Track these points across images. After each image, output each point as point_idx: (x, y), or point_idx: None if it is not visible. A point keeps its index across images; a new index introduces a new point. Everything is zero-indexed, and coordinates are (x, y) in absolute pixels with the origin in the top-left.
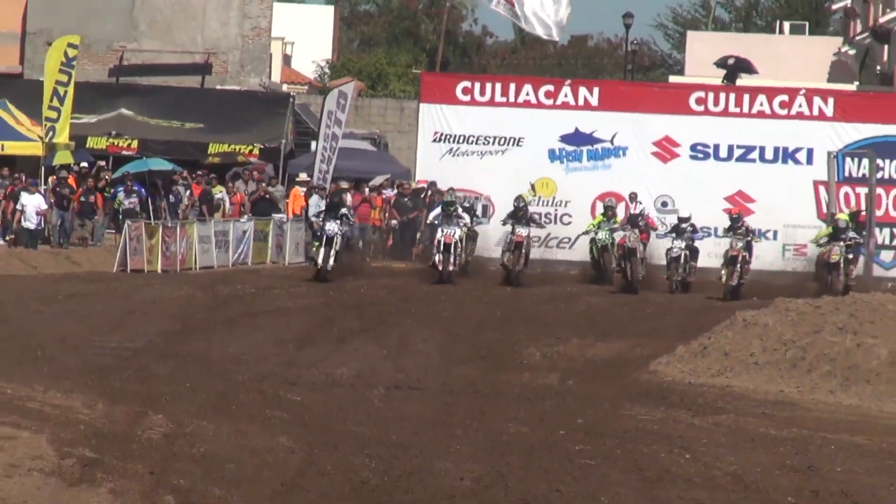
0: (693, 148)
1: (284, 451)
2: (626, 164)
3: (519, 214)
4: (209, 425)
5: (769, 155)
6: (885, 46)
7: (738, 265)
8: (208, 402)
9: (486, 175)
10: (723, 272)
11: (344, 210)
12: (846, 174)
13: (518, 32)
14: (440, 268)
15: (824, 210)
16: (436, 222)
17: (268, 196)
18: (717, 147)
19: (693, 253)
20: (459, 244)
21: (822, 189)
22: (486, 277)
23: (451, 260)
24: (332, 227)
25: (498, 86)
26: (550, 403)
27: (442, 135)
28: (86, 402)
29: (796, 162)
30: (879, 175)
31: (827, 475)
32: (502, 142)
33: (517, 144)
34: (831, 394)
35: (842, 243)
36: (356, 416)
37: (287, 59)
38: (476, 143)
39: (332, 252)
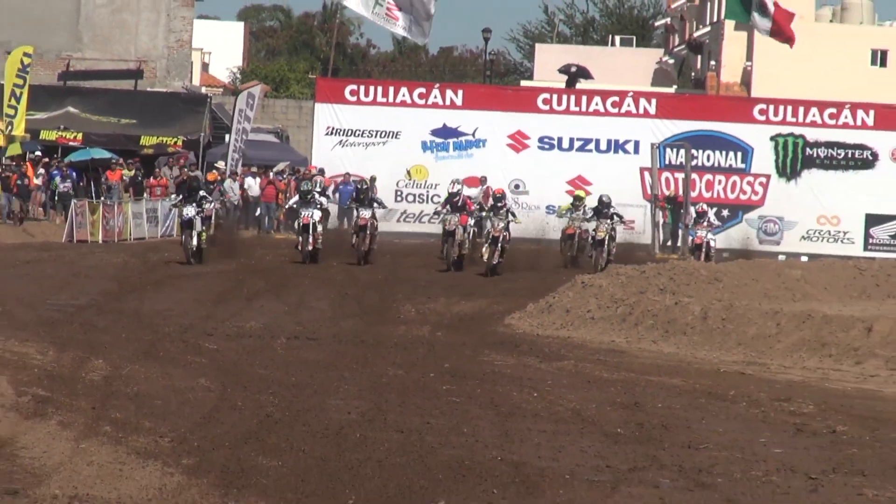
0: (540, 140)
1: (203, 390)
2: (485, 154)
3: (361, 197)
4: (141, 369)
5: (603, 146)
6: (699, 56)
7: (499, 244)
8: (140, 349)
9: (370, 163)
10: (484, 251)
11: (202, 192)
12: (666, 162)
13: (396, 44)
14: (300, 248)
15: (648, 191)
16: (294, 206)
17: (188, 179)
18: (560, 139)
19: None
20: (318, 225)
21: (646, 174)
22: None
23: (310, 240)
24: (188, 210)
25: (379, 88)
26: (422, 351)
27: (333, 129)
28: (39, 349)
29: (625, 152)
30: (693, 163)
31: (650, 410)
32: (383, 135)
33: (395, 137)
34: (654, 343)
35: (608, 221)
36: (262, 361)
37: (205, 66)
38: (361, 136)
39: (194, 234)
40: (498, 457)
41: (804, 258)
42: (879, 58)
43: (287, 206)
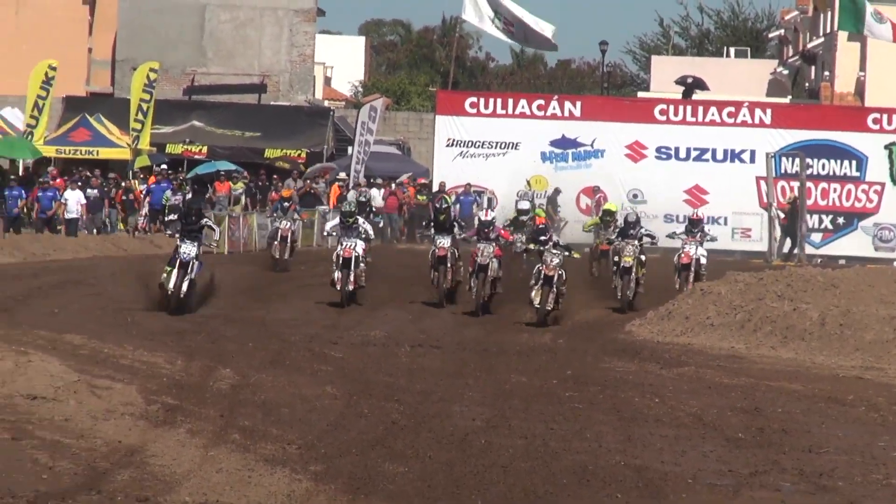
0: (658, 150)
1: (329, 397)
2: (603, 164)
3: (441, 219)
4: (268, 377)
5: (720, 156)
6: (812, 67)
7: (553, 286)
8: (267, 358)
9: (490, 173)
10: (535, 294)
11: (206, 220)
12: (782, 171)
13: (515, 57)
14: (338, 287)
15: (764, 199)
16: (333, 233)
17: (312, 191)
18: (677, 149)
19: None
20: (361, 260)
21: (762, 183)
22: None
23: (351, 278)
24: (188, 249)
25: (499, 101)
26: (545, 358)
27: (454, 141)
28: (167, 359)
29: (742, 161)
30: (808, 171)
31: (770, 415)
32: (503, 146)
33: (515, 148)
34: (772, 349)
35: (636, 243)
36: (387, 369)
37: (327, 80)
38: (481, 147)
39: (186, 278)
40: (621, 462)
41: None
42: None
43: (325, 232)
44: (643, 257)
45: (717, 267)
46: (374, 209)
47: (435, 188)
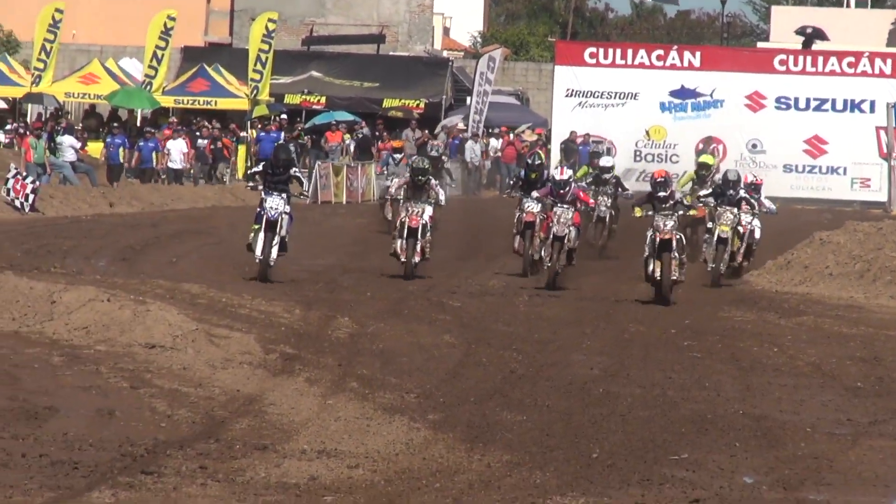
0: (777, 100)
1: (447, 346)
2: (723, 114)
3: (532, 178)
4: (386, 326)
5: (839, 106)
6: None
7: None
8: (385, 307)
9: (609, 123)
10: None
11: (294, 171)
12: None
13: (634, 7)
14: (402, 258)
15: (884, 150)
16: (398, 197)
17: (427, 142)
18: (796, 99)
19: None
20: (429, 229)
21: (882, 133)
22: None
23: (417, 248)
24: (275, 204)
25: (618, 51)
26: (662, 307)
27: (573, 91)
28: (285, 308)
29: (861, 111)
30: None
31: (889, 364)
32: (622, 96)
33: (634, 98)
34: (892, 299)
35: (734, 209)
36: (505, 318)
37: (446, 31)
38: (600, 98)
39: (275, 241)
40: (739, 410)
41: None
42: None
43: (391, 194)
44: (742, 227)
45: (836, 216)
46: (446, 166)
47: (556, 138)
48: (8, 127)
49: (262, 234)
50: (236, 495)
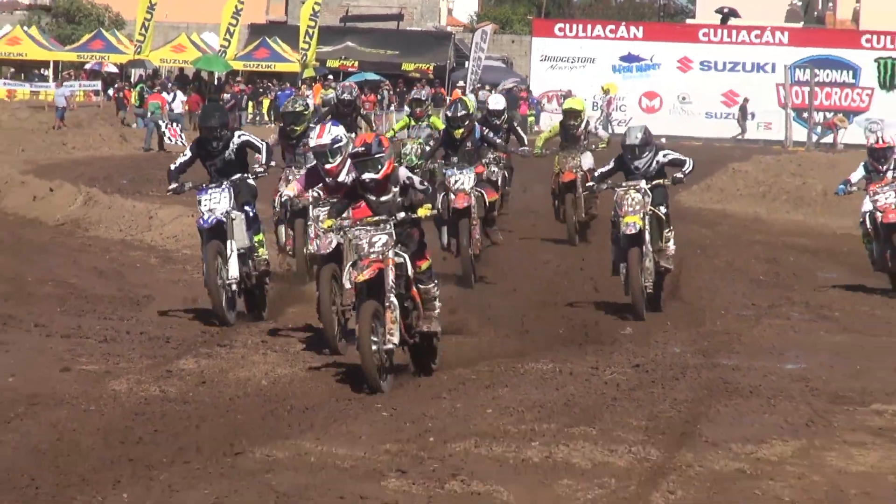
0: (701, 63)
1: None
2: (659, 74)
3: (458, 135)
4: None
5: (748, 67)
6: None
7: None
8: None
9: (573, 82)
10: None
11: (240, 137)
12: (795, 79)
13: None
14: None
15: (782, 101)
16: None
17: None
18: (716, 63)
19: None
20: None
21: (780, 89)
22: None
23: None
24: (212, 200)
25: (580, 26)
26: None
27: (546, 56)
28: None
29: (765, 72)
30: (816, 79)
31: (784, 263)
32: (583, 61)
33: (592, 62)
34: (786, 213)
35: (642, 185)
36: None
37: (450, 11)
38: (567, 62)
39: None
40: (672, 297)
41: None
42: None
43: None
44: (664, 209)
45: (745, 152)
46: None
47: (536, 93)
48: (116, 85)
49: (208, 257)
50: (289, 362)
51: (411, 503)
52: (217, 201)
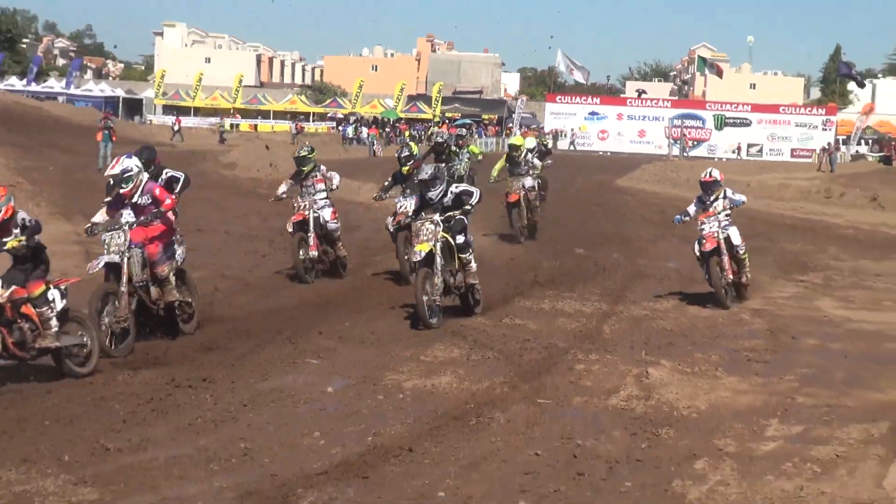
0: (628, 116)
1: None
2: (608, 122)
3: (405, 172)
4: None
5: (651, 118)
6: (687, 86)
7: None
8: None
9: (567, 125)
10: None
11: (166, 173)
12: (675, 124)
13: (575, 82)
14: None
15: (665, 135)
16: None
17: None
18: (634, 116)
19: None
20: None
21: (665, 129)
22: None
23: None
24: (112, 241)
25: (570, 97)
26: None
27: (552, 112)
28: None
29: (658, 120)
30: (684, 123)
31: (669, 213)
32: (568, 114)
33: (574, 115)
34: (672, 189)
35: (437, 219)
36: None
37: (505, 89)
38: (562, 115)
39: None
40: (613, 233)
41: None
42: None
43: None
44: (461, 237)
45: (648, 160)
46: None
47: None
48: (350, 127)
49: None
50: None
51: (483, 330)
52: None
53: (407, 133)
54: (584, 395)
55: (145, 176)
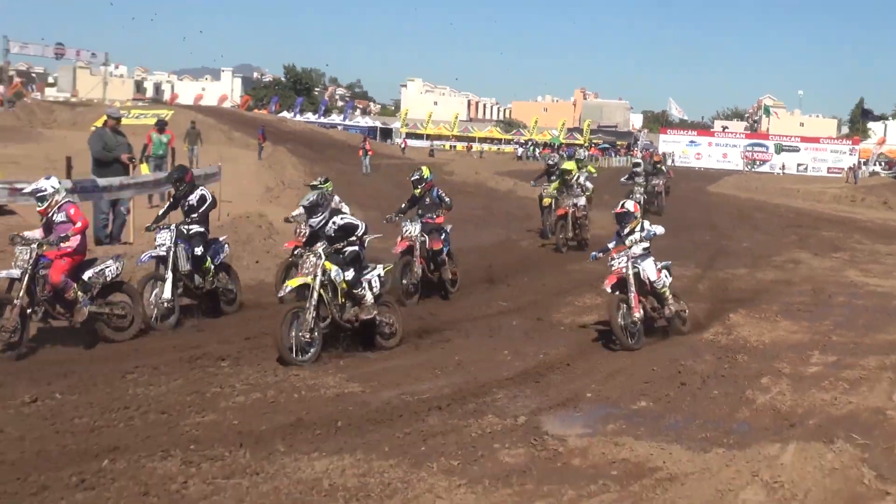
0: (716, 143)
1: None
2: (701, 147)
3: (417, 194)
4: None
5: (738, 144)
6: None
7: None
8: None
9: (674, 148)
10: None
11: (199, 192)
12: (749, 149)
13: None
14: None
15: (741, 157)
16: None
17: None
18: (728, 143)
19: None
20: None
21: (741, 154)
22: None
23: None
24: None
25: (677, 131)
26: None
27: (664, 140)
28: None
29: (734, 146)
30: (753, 150)
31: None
32: (675, 142)
33: (678, 143)
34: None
35: (320, 253)
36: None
37: (633, 124)
38: (671, 143)
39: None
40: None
41: None
42: None
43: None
44: (350, 274)
45: (721, 174)
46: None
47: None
48: (528, 148)
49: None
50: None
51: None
52: (164, 238)
53: (562, 151)
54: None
55: (62, 196)
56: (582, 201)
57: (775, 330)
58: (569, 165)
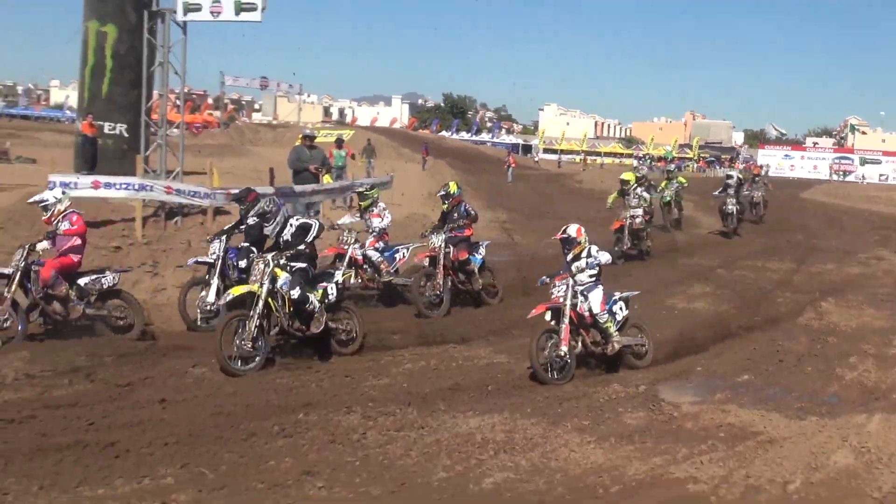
0: (808, 157)
1: None
2: (794, 160)
3: (444, 209)
4: None
5: (828, 157)
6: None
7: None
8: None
9: (770, 161)
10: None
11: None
12: (836, 162)
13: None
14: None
15: (830, 168)
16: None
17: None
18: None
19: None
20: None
21: (830, 166)
22: None
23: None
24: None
25: (771, 146)
26: None
27: (762, 154)
28: None
29: (823, 160)
30: (840, 163)
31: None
32: (772, 156)
33: (775, 157)
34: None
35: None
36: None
37: (735, 141)
38: (767, 157)
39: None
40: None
41: None
42: None
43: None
44: (296, 291)
45: (811, 184)
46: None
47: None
48: (644, 161)
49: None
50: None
51: (722, 275)
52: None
53: (673, 166)
54: (782, 316)
55: (64, 205)
56: (638, 212)
57: (861, 316)
58: (626, 176)
